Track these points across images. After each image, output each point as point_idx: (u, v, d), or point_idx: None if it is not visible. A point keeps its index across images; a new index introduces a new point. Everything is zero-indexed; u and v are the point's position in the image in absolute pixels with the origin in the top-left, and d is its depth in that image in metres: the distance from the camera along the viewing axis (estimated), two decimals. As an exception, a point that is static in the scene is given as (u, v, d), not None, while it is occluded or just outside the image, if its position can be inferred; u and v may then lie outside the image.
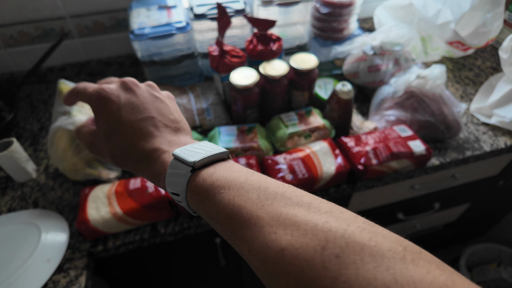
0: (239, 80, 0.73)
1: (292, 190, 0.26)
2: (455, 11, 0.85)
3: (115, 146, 0.34)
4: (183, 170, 0.30)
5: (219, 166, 0.30)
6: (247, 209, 0.25)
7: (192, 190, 0.29)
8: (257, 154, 0.73)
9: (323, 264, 0.20)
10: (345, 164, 0.70)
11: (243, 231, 0.25)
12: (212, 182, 0.28)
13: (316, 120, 0.78)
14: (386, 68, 0.83)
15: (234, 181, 0.28)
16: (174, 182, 0.30)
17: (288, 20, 0.87)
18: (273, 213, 0.24)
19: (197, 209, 0.30)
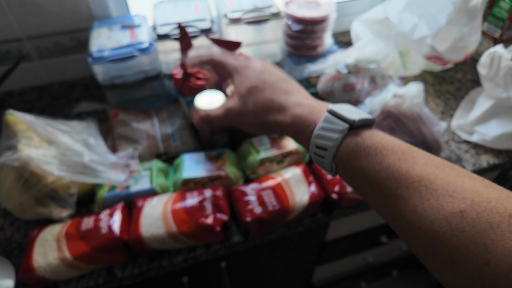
0: (204, 104, 0.68)
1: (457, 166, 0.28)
2: (431, 26, 0.82)
3: (259, 101, 0.39)
4: (340, 126, 0.32)
5: (375, 131, 0.32)
6: (415, 172, 0.27)
7: (347, 146, 0.31)
8: (225, 183, 0.68)
9: (509, 228, 0.21)
10: (319, 192, 0.66)
11: (409, 191, 0.26)
12: (373, 142, 0.30)
13: (289, 144, 0.73)
14: (361, 87, 0.79)
15: (397, 146, 0.30)
16: (327, 136, 0.32)
17: (259, 38, 0.83)
18: (446, 179, 0.26)
19: (346, 166, 0.31)
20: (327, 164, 0.33)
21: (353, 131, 0.32)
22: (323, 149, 0.33)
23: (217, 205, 0.61)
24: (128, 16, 0.89)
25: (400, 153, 0.29)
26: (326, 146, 0.32)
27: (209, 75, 0.74)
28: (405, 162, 0.28)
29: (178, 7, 0.84)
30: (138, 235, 0.57)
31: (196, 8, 0.83)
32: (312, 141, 0.34)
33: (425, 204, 0.25)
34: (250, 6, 0.80)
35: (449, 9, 0.83)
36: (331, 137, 0.32)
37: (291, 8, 0.83)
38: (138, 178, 0.68)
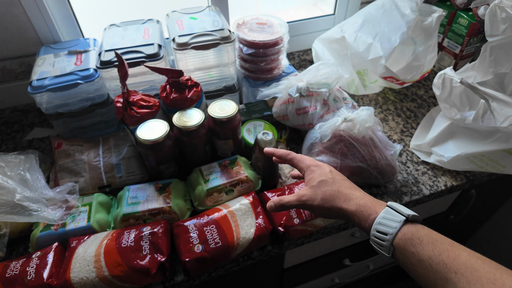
0: (146, 134, 0.65)
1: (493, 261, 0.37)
2: (385, 46, 0.81)
3: (327, 191, 0.50)
4: (398, 217, 0.42)
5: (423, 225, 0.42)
6: (461, 260, 0.36)
7: (405, 234, 0.40)
8: (169, 217, 0.65)
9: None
10: (266, 225, 0.63)
11: (457, 276, 0.35)
12: (425, 233, 0.40)
13: (240, 172, 0.71)
14: (314, 111, 0.77)
15: (443, 238, 0.40)
16: (387, 224, 0.42)
17: (211, 61, 0.81)
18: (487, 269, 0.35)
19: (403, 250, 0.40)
20: (385, 246, 0.42)
21: (408, 223, 0.42)
22: (383, 234, 0.42)
23: (155, 244, 0.58)
24: (79, 40, 0.86)
25: (447, 244, 0.38)
26: (386, 232, 0.42)
27: (154, 101, 0.71)
28: (452, 252, 0.37)
29: (127, 31, 0.82)
30: (67, 280, 0.54)
31: (145, 32, 0.81)
32: (374, 227, 0.43)
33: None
34: (200, 30, 0.78)
35: (402, 28, 0.82)
36: (391, 225, 0.42)
37: (242, 31, 0.82)
38: (75, 215, 0.64)
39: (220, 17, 0.84)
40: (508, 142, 0.71)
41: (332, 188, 0.50)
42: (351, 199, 0.48)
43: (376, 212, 0.44)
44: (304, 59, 1.17)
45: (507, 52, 0.85)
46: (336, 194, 0.49)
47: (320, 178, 0.51)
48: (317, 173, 0.52)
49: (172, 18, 0.84)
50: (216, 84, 0.85)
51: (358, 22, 0.88)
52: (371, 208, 0.45)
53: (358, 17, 0.91)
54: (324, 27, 1.14)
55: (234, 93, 0.86)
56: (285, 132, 0.86)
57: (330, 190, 0.49)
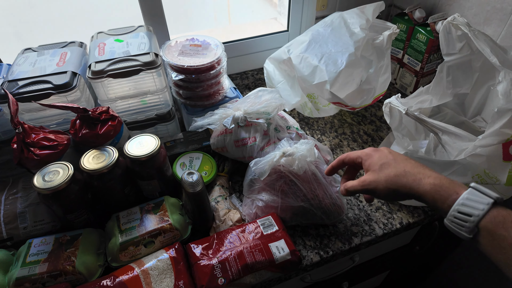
0: (43, 182, 0.55)
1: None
2: (330, 70, 0.74)
3: (390, 172, 0.48)
4: (485, 199, 0.40)
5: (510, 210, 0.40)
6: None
7: (495, 217, 0.39)
8: (73, 279, 0.55)
9: None
10: (187, 287, 0.53)
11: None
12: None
13: (163, 219, 0.61)
14: (253, 143, 0.69)
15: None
16: (473, 206, 0.40)
17: (136, 89, 0.71)
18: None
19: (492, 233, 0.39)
20: (468, 228, 0.40)
21: (497, 205, 0.40)
22: (467, 215, 0.40)
23: (48, 316, 0.48)
24: (-9, 66, 0.76)
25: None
26: (471, 213, 0.40)
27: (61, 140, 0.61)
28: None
29: (42, 56, 0.72)
30: None
31: (61, 58, 0.71)
32: (455, 207, 0.41)
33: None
34: (122, 54, 0.69)
35: (350, 49, 0.75)
36: (477, 206, 0.40)
37: (171, 55, 0.73)
38: (-40, 279, 0.54)
39: (151, 39, 0.75)
40: (465, 175, 0.63)
41: (396, 169, 0.47)
42: (421, 178, 0.45)
43: (456, 193, 0.42)
44: (260, 77, 1.10)
45: (465, 72, 0.78)
46: (402, 174, 0.47)
47: (381, 162, 0.49)
48: (376, 157, 0.50)
49: (96, 41, 0.75)
50: (148, 112, 0.76)
51: (305, 42, 0.80)
52: (450, 189, 0.43)
53: (306, 35, 0.83)
54: (279, 44, 1.06)
55: (169, 121, 0.77)
56: (227, 164, 0.77)
57: (394, 171, 0.47)
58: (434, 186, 0.44)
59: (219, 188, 0.71)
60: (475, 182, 0.63)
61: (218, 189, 0.71)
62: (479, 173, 0.62)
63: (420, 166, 0.48)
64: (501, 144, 0.59)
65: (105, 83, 0.67)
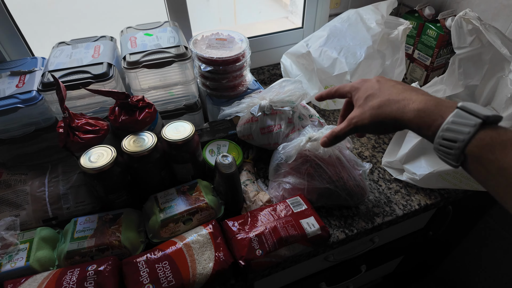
0: (88, 162, 0.59)
1: None
2: (350, 61, 0.78)
3: (375, 102, 0.44)
4: (472, 120, 0.34)
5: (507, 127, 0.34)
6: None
7: (481, 140, 0.34)
8: (119, 253, 0.59)
9: None
10: (226, 258, 0.57)
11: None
12: (509, 137, 0.33)
13: (199, 199, 0.65)
14: (278, 129, 0.73)
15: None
16: (457, 130, 0.35)
17: (167, 80, 0.76)
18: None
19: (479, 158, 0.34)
20: (454, 155, 0.36)
21: (486, 126, 0.34)
22: (452, 141, 0.35)
23: (100, 285, 0.52)
24: (26, 59, 0.80)
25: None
26: (455, 139, 0.35)
27: (101, 125, 0.65)
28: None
29: (76, 49, 0.76)
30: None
31: (96, 51, 0.75)
32: (440, 134, 0.36)
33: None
34: (154, 47, 0.73)
35: (368, 42, 0.80)
36: (462, 130, 0.35)
37: (199, 48, 0.77)
38: (13, 254, 0.57)
39: (178, 33, 0.79)
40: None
41: (380, 99, 0.43)
42: (406, 105, 0.40)
43: (441, 117, 0.37)
44: (275, 73, 1.14)
45: (475, 64, 0.83)
46: (386, 103, 0.42)
47: (366, 94, 0.46)
48: (363, 89, 0.47)
49: (126, 35, 0.79)
50: (176, 103, 0.80)
51: (324, 36, 0.85)
52: (435, 112, 0.38)
53: (324, 30, 0.88)
54: (294, 40, 1.11)
55: (196, 111, 0.81)
56: (252, 152, 0.81)
57: (378, 101, 0.43)
58: (418, 112, 0.39)
59: (246, 173, 0.75)
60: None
61: (245, 174, 0.75)
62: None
63: (407, 90, 0.43)
64: (514, 127, 0.64)
65: (139, 73, 0.71)
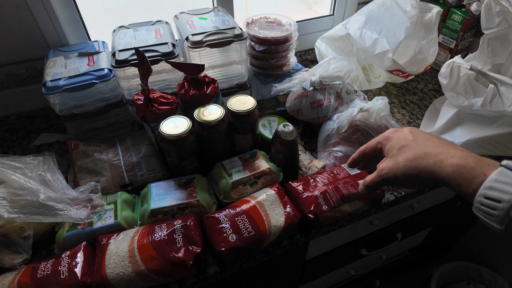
0: (169, 130, 0.65)
1: None
2: (390, 41, 0.85)
3: (409, 155, 0.43)
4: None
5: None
6: None
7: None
8: (197, 211, 0.65)
9: None
10: (295, 213, 0.64)
11: None
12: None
13: (262, 164, 0.71)
14: (328, 103, 0.79)
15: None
16: (502, 189, 0.33)
17: (224, 59, 0.82)
18: None
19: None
20: (498, 217, 0.33)
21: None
22: (496, 201, 0.33)
23: (188, 236, 0.58)
24: (87, 43, 0.86)
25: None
26: (500, 199, 0.33)
27: (173, 99, 0.71)
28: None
29: (138, 32, 0.82)
30: (103, 277, 0.52)
31: (157, 33, 0.81)
32: (481, 192, 0.35)
33: None
34: (212, 29, 0.79)
35: (406, 24, 0.86)
36: (508, 190, 0.33)
37: (253, 29, 0.83)
38: (101, 213, 0.63)
39: (229, 17, 0.86)
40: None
41: (416, 151, 0.42)
42: (444, 159, 0.39)
43: (484, 174, 0.35)
44: (306, 58, 1.20)
45: (502, 43, 0.90)
46: (421, 156, 0.41)
47: (400, 144, 0.44)
48: (395, 140, 0.45)
49: (182, 19, 0.85)
50: (228, 82, 0.86)
51: (362, 20, 0.92)
52: (476, 169, 0.36)
53: (361, 15, 0.94)
54: (323, 27, 1.18)
55: (246, 90, 0.87)
56: (299, 127, 0.87)
57: (413, 154, 0.42)
58: (458, 168, 0.37)
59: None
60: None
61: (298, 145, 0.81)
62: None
63: (443, 145, 0.42)
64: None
65: (202, 52, 0.77)
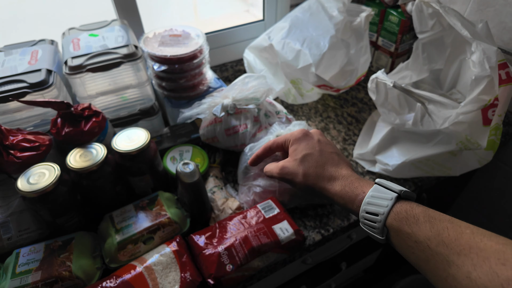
0: (28, 185, 0.52)
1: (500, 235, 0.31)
2: (314, 53, 0.74)
3: (310, 167, 0.45)
4: (389, 194, 0.37)
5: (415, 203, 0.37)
6: (464, 240, 0.31)
7: (398, 213, 0.36)
8: (71, 285, 0.52)
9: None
10: (194, 277, 0.52)
11: (461, 258, 0.30)
12: (420, 211, 0.35)
13: (160, 213, 0.59)
14: (244, 129, 0.68)
15: (442, 216, 0.34)
16: (377, 203, 0.37)
17: (116, 84, 0.68)
18: (495, 247, 0.29)
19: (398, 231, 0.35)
20: (378, 228, 0.37)
21: (400, 200, 0.37)
22: (374, 214, 0.37)
23: (48, 326, 0.45)
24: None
25: (446, 221, 0.33)
26: (377, 212, 0.37)
27: (43, 140, 0.58)
28: (453, 230, 0.32)
29: (10, 56, 0.67)
30: None
31: (33, 56, 0.67)
32: (363, 207, 0.38)
33: (479, 271, 0.28)
34: (99, 48, 0.66)
35: (331, 32, 0.76)
36: (382, 204, 0.37)
37: (151, 46, 0.71)
38: None
39: (127, 32, 0.72)
40: (450, 143, 0.67)
41: (317, 165, 0.44)
42: (336, 178, 0.43)
43: (363, 192, 0.39)
44: (239, 69, 1.09)
45: (438, 48, 0.82)
46: (320, 172, 0.44)
47: (305, 152, 0.46)
48: (303, 145, 0.47)
49: (69, 37, 0.71)
50: (129, 108, 0.73)
51: (285, 28, 0.81)
52: (358, 188, 0.40)
53: (285, 21, 0.83)
54: (256, 34, 1.06)
55: (153, 116, 0.75)
56: (219, 155, 0.76)
57: (314, 167, 0.44)
58: (343, 187, 0.41)
59: (213, 179, 0.70)
60: (459, 149, 0.66)
61: (212, 180, 0.69)
62: (462, 140, 0.65)
63: (340, 164, 0.45)
64: (480, 110, 0.62)
65: (84, 78, 0.64)
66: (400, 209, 0.36)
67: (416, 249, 0.34)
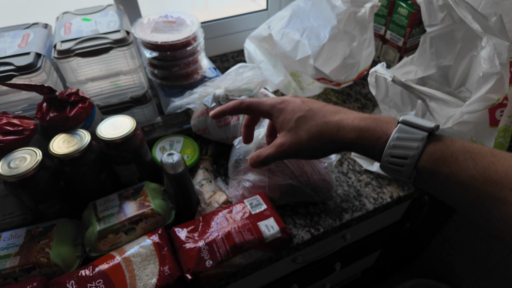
0: (8, 169, 0.51)
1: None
2: (313, 44, 0.71)
3: (311, 127, 0.40)
4: (419, 134, 0.33)
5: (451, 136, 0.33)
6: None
7: (432, 154, 0.32)
8: (49, 272, 0.51)
9: None
10: (173, 271, 0.50)
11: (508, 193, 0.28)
12: (458, 147, 0.31)
13: (144, 204, 0.57)
14: (236, 122, 0.66)
15: (483, 149, 0.31)
16: (405, 146, 0.33)
17: (106, 70, 0.67)
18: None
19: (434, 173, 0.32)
20: (405, 172, 0.34)
21: (433, 138, 0.33)
22: (402, 158, 0.34)
23: (19, 313, 0.44)
24: None
25: (489, 155, 0.30)
26: (405, 155, 0.33)
27: (27, 125, 0.57)
28: (500, 164, 0.29)
29: (1, 38, 0.66)
30: None
31: (24, 39, 0.66)
32: (387, 151, 0.34)
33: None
34: (90, 33, 0.64)
35: (332, 22, 0.72)
36: (411, 146, 0.33)
37: (143, 32, 0.69)
38: None
39: (121, 17, 0.70)
40: (453, 144, 0.62)
41: (316, 122, 0.40)
42: (345, 125, 0.38)
43: (386, 134, 0.35)
44: (240, 60, 1.06)
45: (447, 42, 0.77)
46: (324, 126, 0.39)
47: (295, 116, 0.42)
48: (289, 111, 0.43)
49: (61, 21, 0.70)
50: (120, 95, 0.71)
51: (286, 17, 0.78)
52: (377, 130, 0.36)
53: (286, 11, 0.80)
54: (259, 23, 1.03)
55: (145, 104, 0.73)
56: (211, 147, 0.74)
57: (314, 125, 0.40)
58: (361, 132, 0.37)
59: (203, 171, 0.68)
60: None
61: (202, 172, 0.67)
62: (466, 141, 0.61)
63: (339, 111, 0.41)
64: (488, 110, 0.58)
65: (73, 63, 0.62)
66: (434, 149, 0.32)
67: (455, 190, 0.31)
